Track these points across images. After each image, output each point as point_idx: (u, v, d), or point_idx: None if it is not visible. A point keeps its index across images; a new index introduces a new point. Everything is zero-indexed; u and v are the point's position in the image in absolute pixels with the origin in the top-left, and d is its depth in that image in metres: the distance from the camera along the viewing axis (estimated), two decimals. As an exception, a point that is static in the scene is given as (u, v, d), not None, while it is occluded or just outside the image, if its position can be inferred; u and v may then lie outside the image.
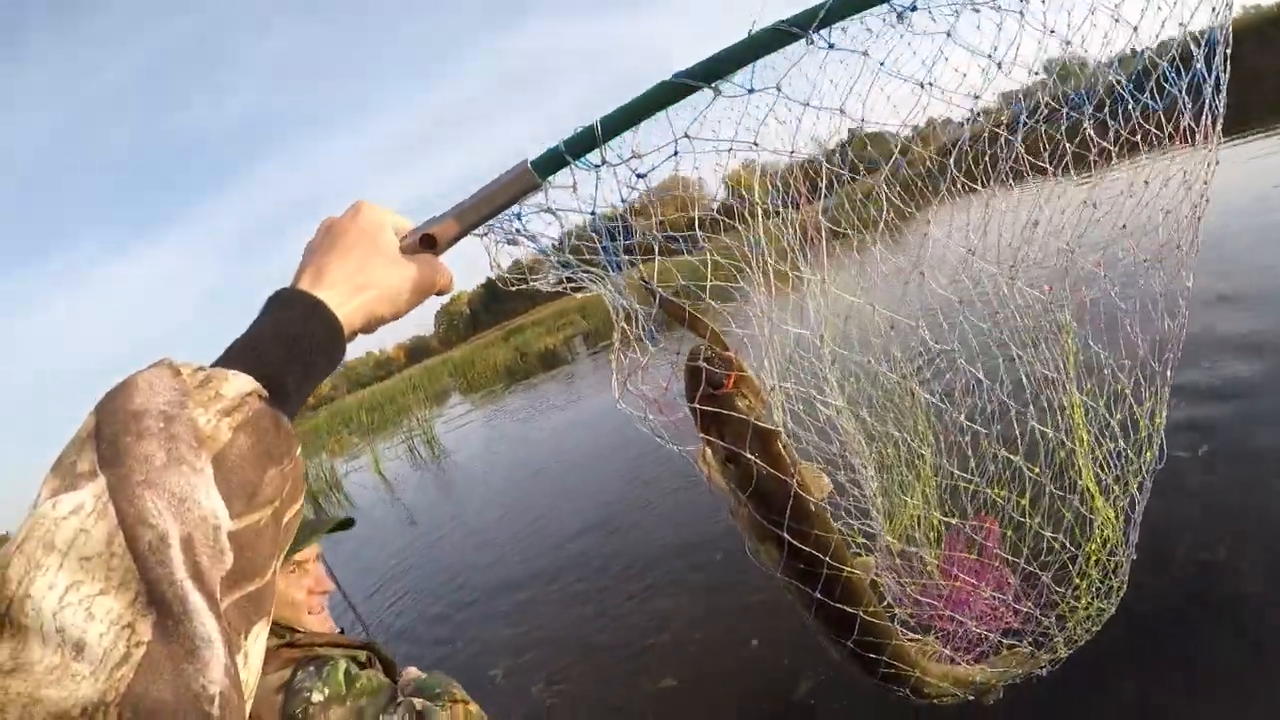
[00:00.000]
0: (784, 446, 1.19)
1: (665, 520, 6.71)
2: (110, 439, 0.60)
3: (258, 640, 0.64)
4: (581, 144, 0.89)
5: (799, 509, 1.16)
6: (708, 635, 4.71)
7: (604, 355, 23.12)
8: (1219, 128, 1.34)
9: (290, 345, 0.74)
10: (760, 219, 1.30)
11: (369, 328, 0.87)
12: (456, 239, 0.94)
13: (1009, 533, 1.60)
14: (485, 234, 0.98)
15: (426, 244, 0.92)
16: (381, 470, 16.70)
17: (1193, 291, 1.50)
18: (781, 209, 1.43)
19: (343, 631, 2.00)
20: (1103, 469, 1.61)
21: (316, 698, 1.67)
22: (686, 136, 0.92)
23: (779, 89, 0.91)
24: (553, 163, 0.90)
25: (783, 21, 0.82)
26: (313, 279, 0.81)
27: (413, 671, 1.92)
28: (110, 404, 0.63)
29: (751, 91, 0.88)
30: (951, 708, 1.61)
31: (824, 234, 1.34)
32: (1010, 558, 1.57)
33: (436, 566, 8.76)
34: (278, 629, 1.78)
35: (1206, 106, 1.29)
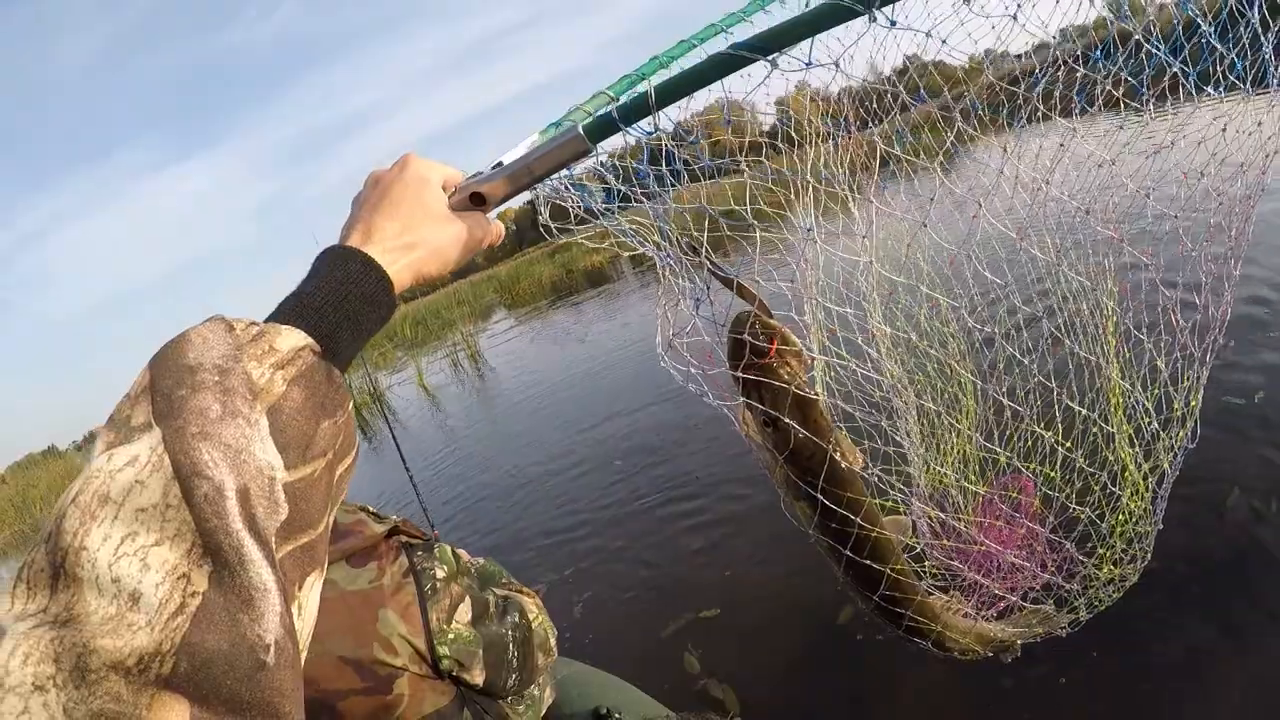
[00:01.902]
0: (822, 414, 1.24)
1: (708, 450, 6.72)
2: (165, 392, 0.62)
3: (312, 591, 0.66)
4: (634, 112, 0.89)
5: (833, 474, 1.23)
6: (748, 565, 4.76)
7: (650, 275, 23.13)
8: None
9: (341, 302, 0.76)
10: (813, 144, 1.33)
11: (417, 284, 0.89)
12: (505, 199, 0.96)
13: (1038, 499, 1.61)
14: (534, 192, 1.00)
15: (475, 201, 0.94)
16: (425, 383, 16.85)
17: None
18: (834, 133, 1.43)
19: None
20: (1134, 442, 1.61)
21: (440, 574, 1.77)
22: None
23: (837, 65, 0.91)
24: (605, 129, 0.90)
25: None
26: (363, 236, 0.83)
27: (465, 555, 1.99)
28: (164, 358, 0.64)
29: (809, 66, 0.86)
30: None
31: (877, 156, 1.34)
32: (1035, 523, 1.59)
33: (477, 478, 8.87)
34: (378, 515, 1.84)
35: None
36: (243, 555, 0.57)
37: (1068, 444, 1.54)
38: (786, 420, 1.20)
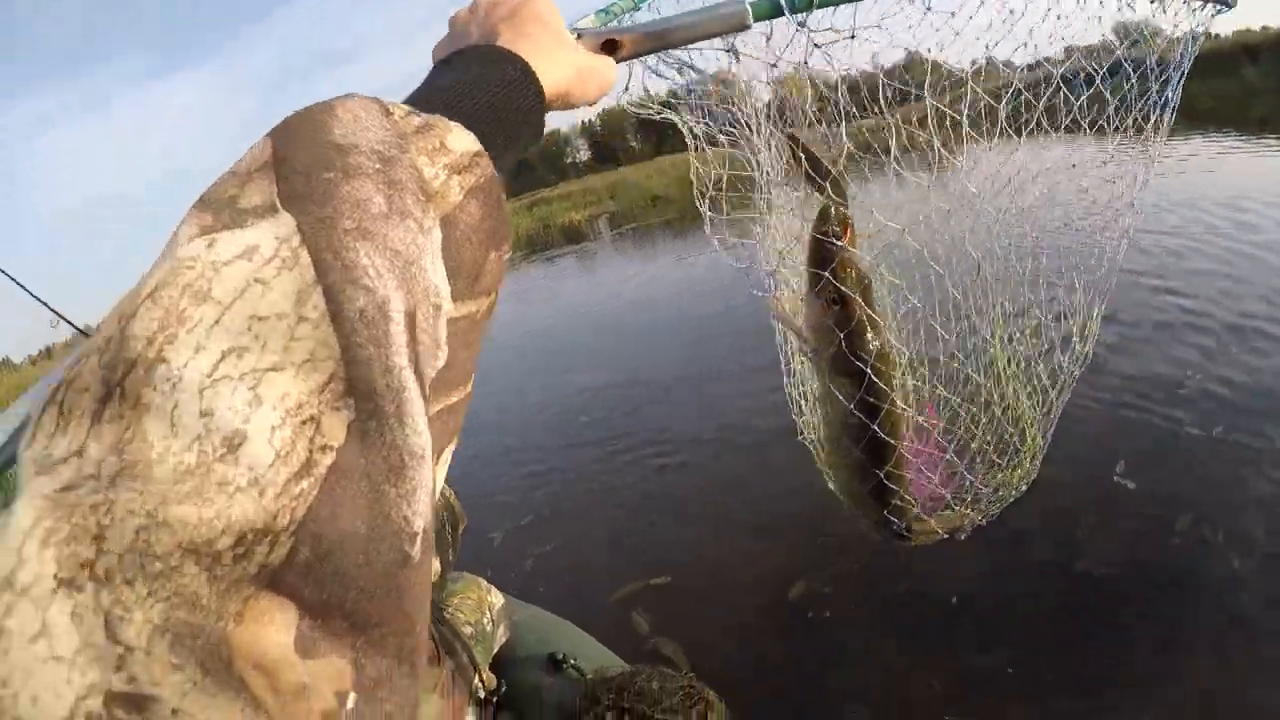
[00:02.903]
0: (871, 294, 1.39)
1: (674, 413, 6.78)
2: (303, 170, 0.45)
3: (444, 468, 0.52)
4: (801, 5, 0.89)
5: (882, 351, 1.39)
6: (702, 536, 4.81)
7: (628, 236, 23.20)
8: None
9: (499, 111, 0.61)
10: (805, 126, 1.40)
11: (558, 105, 0.74)
12: (641, 54, 0.90)
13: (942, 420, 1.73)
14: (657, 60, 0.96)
15: (607, 49, 0.87)
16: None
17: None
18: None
19: None
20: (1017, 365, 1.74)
21: None
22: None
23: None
24: (770, 10, 0.89)
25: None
26: (511, 39, 0.68)
27: None
28: (299, 130, 0.48)
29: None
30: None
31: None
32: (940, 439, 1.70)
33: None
34: None
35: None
36: (402, 403, 0.42)
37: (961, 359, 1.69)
38: (857, 299, 1.33)
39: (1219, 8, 1.31)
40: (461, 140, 0.53)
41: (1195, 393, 5.10)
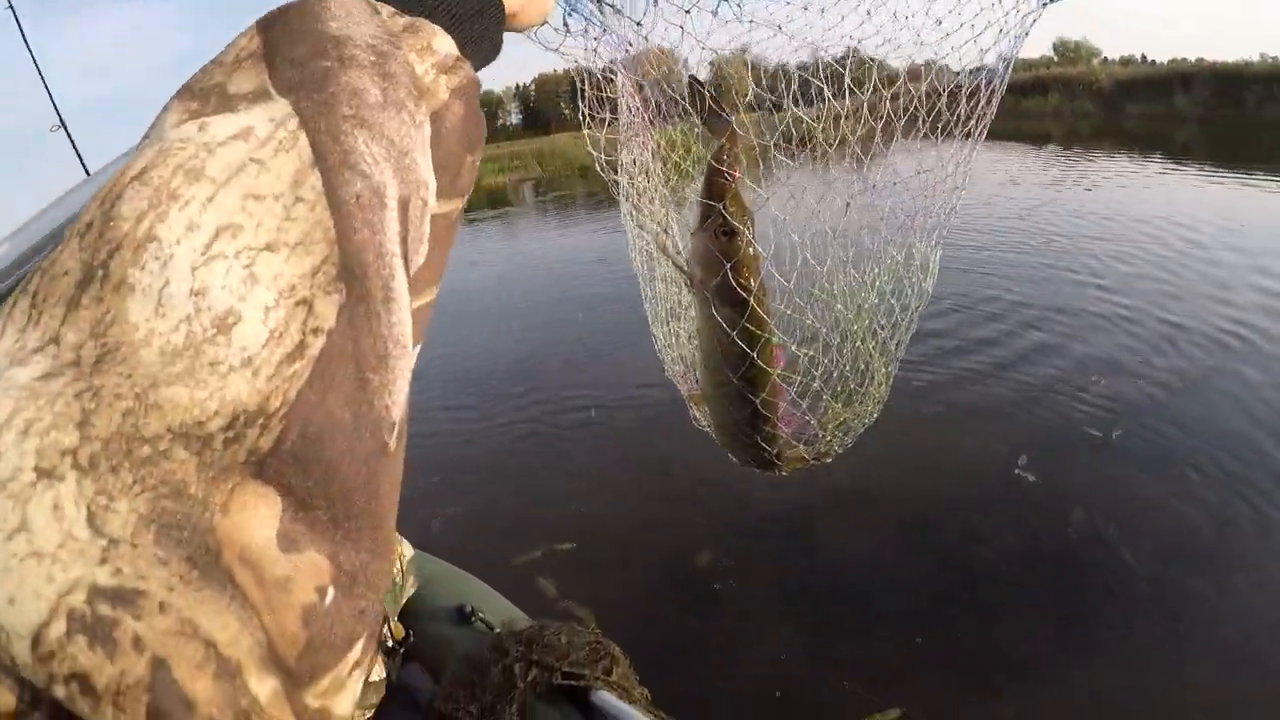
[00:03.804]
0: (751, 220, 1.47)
1: (591, 382, 6.81)
2: (298, 60, 0.45)
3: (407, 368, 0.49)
4: None
5: (762, 283, 1.47)
6: (609, 504, 4.87)
7: (552, 204, 23.09)
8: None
9: (466, 20, 0.59)
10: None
11: (508, 26, 0.70)
12: None
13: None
14: None
15: None
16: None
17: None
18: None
19: None
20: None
21: None
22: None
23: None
24: None
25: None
26: None
27: None
28: (292, 21, 0.47)
29: None
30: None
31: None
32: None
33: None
34: None
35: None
36: (391, 290, 0.42)
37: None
38: (745, 232, 1.42)
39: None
40: (445, 43, 0.53)
41: (1099, 396, 5.40)
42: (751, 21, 1.28)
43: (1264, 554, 3.79)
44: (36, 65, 3.50)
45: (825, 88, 1.37)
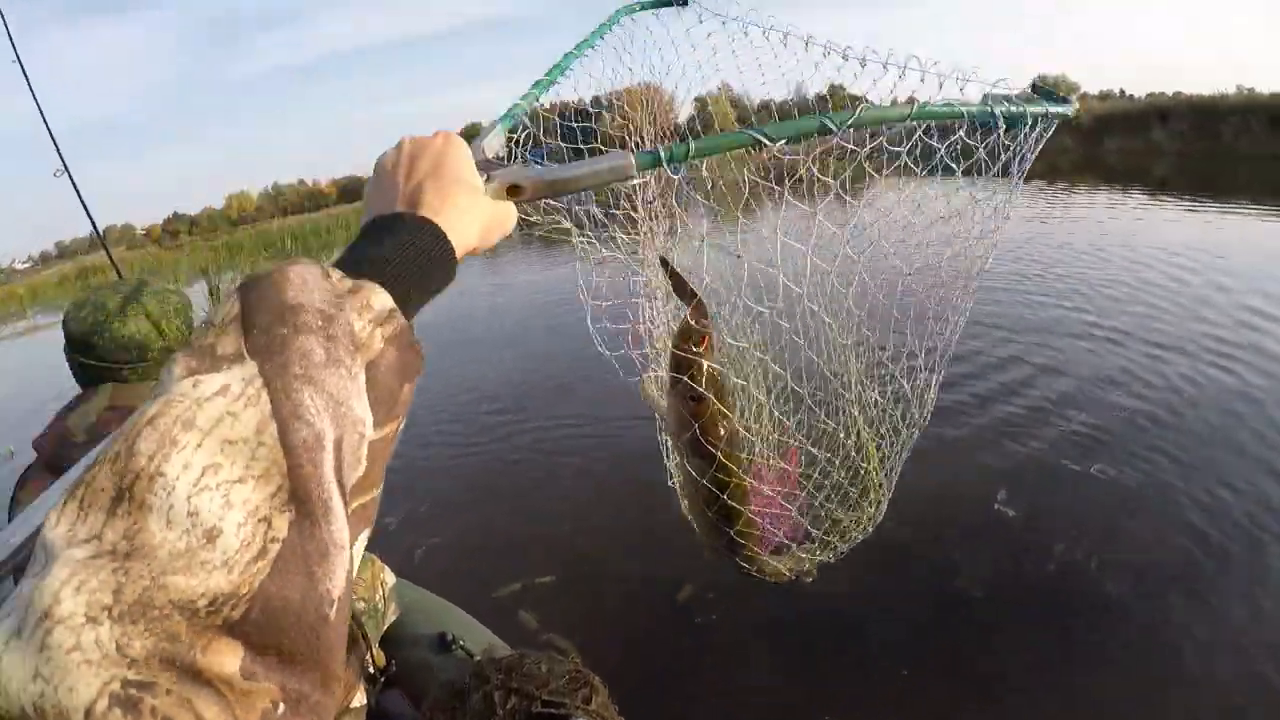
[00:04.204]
0: (727, 396, 1.62)
1: (573, 409, 6.84)
2: (264, 327, 0.59)
3: (360, 547, 0.65)
4: (676, 157, 1.03)
5: (731, 438, 1.61)
6: (591, 538, 4.88)
7: (536, 240, 23.11)
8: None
9: (417, 272, 0.76)
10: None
11: (473, 254, 0.90)
12: (540, 198, 1.02)
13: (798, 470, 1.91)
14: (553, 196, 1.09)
15: (511, 191, 0.98)
16: (294, 302, 16.43)
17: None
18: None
19: None
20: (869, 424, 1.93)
21: None
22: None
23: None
24: (651, 164, 1.02)
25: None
26: (435, 205, 0.82)
27: None
28: (259, 291, 0.62)
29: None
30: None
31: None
32: (795, 485, 1.88)
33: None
34: None
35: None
36: (329, 507, 0.56)
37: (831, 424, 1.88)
38: (711, 397, 1.55)
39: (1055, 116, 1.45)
40: (383, 300, 0.67)
41: (1078, 431, 5.44)
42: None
43: (1244, 583, 3.83)
44: (42, 113, 3.57)
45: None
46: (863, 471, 1.94)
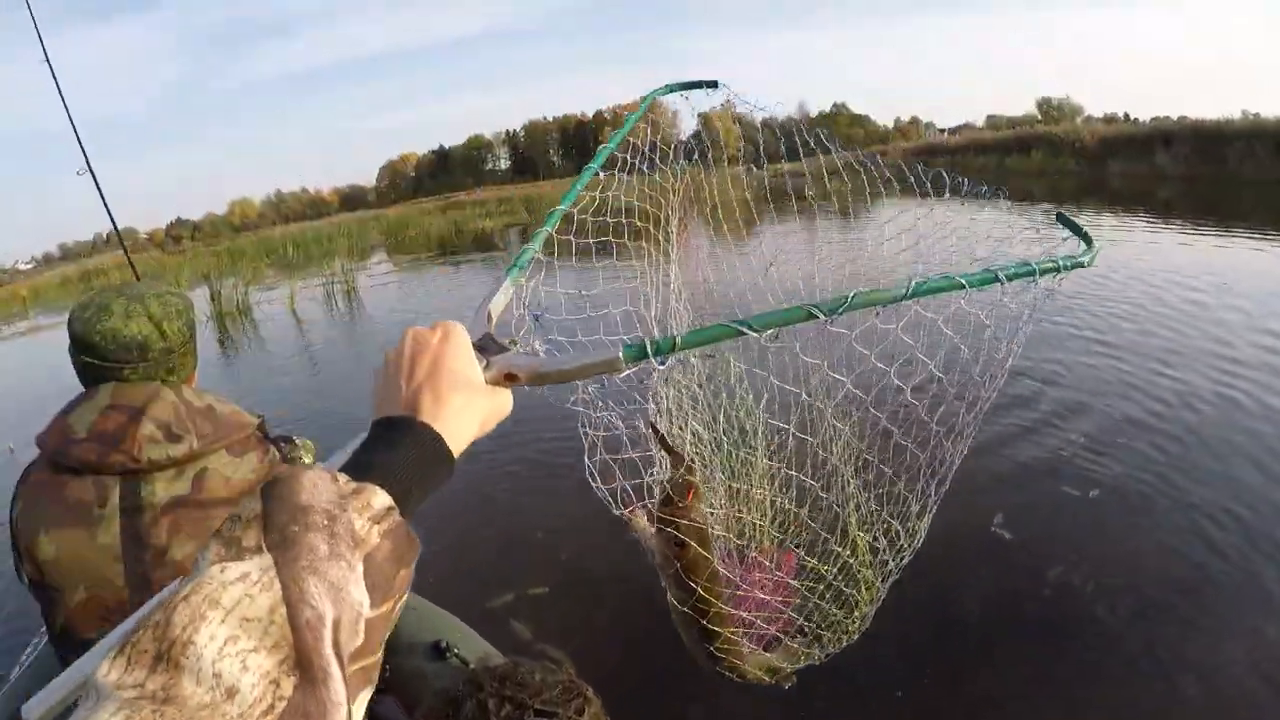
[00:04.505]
0: (709, 541, 1.77)
1: (562, 422, 6.80)
2: (279, 526, 0.72)
3: (361, 705, 0.75)
4: (663, 350, 1.10)
5: (711, 575, 1.77)
6: (588, 542, 4.86)
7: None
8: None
9: (416, 473, 0.87)
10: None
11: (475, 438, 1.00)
12: (534, 386, 1.10)
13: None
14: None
15: (509, 378, 1.06)
16: (295, 308, 16.50)
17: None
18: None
19: None
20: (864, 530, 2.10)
21: (307, 460, 1.91)
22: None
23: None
24: (638, 357, 1.09)
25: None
26: (431, 409, 0.93)
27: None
28: (278, 493, 0.74)
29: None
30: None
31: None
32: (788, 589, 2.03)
33: (326, 409, 8.83)
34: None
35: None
36: (328, 674, 0.68)
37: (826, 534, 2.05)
38: (693, 545, 1.72)
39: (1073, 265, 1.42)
40: (381, 500, 0.78)
41: (1076, 456, 5.44)
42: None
43: (1242, 609, 3.82)
44: (68, 112, 3.63)
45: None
46: (857, 574, 2.10)
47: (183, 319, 1.88)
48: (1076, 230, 1.60)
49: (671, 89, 2.00)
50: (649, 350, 1.09)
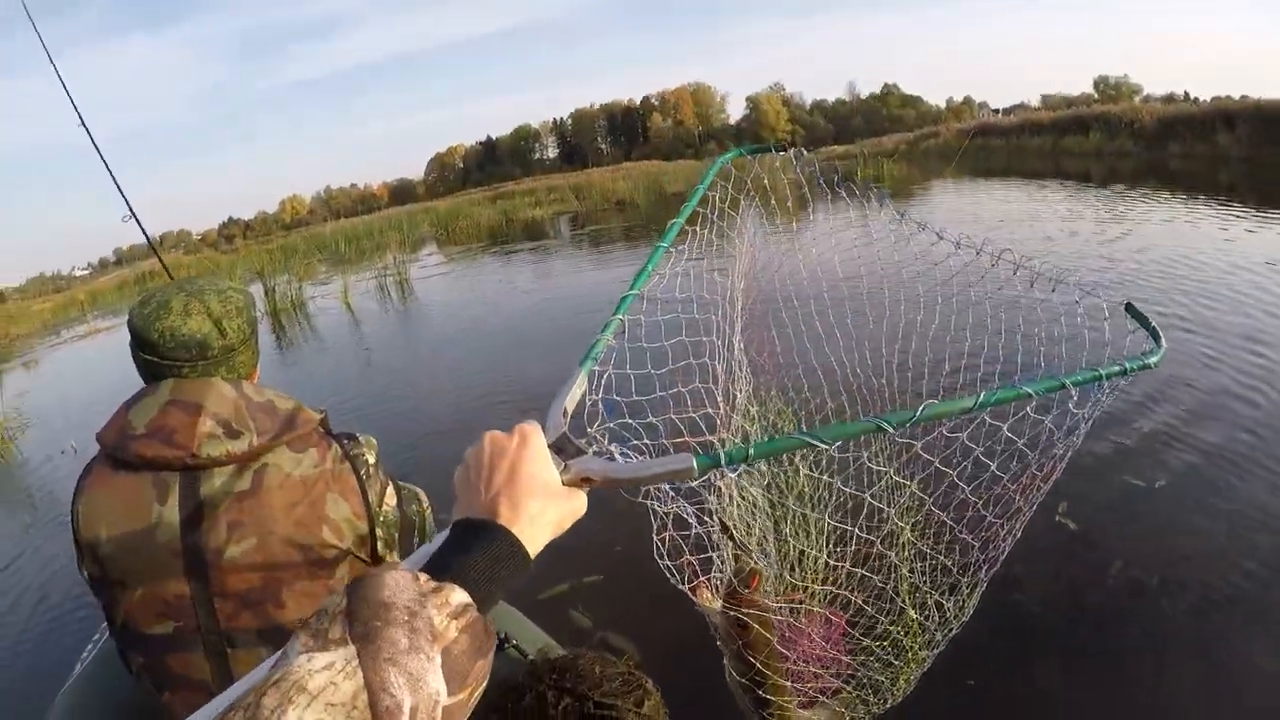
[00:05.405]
0: (770, 624, 1.82)
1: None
2: (363, 620, 0.77)
3: None
4: (735, 460, 1.13)
5: (770, 653, 1.85)
6: (638, 533, 4.83)
7: (588, 238, 23.25)
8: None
9: (494, 572, 0.92)
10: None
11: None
12: (606, 489, 1.12)
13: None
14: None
15: (585, 481, 1.09)
16: (349, 302, 16.70)
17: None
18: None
19: None
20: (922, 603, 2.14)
21: (370, 458, 1.87)
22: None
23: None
24: (711, 466, 1.11)
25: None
26: (509, 512, 0.98)
27: None
28: (363, 591, 0.80)
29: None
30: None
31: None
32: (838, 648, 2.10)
33: (383, 403, 8.92)
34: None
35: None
36: None
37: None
38: (755, 626, 1.78)
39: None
40: (459, 597, 0.83)
41: (1142, 444, 5.29)
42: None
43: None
44: (107, 166, 3.74)
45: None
46: (903, 644, 2.14)
47: (243, 316, 1.88)
48: (1145, 324, 1.60)
49: (745, 153, 2.03)
50: (722, 460, 1.12)
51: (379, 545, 1.85)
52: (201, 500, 1.71)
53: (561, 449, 1.12)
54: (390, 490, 1.91)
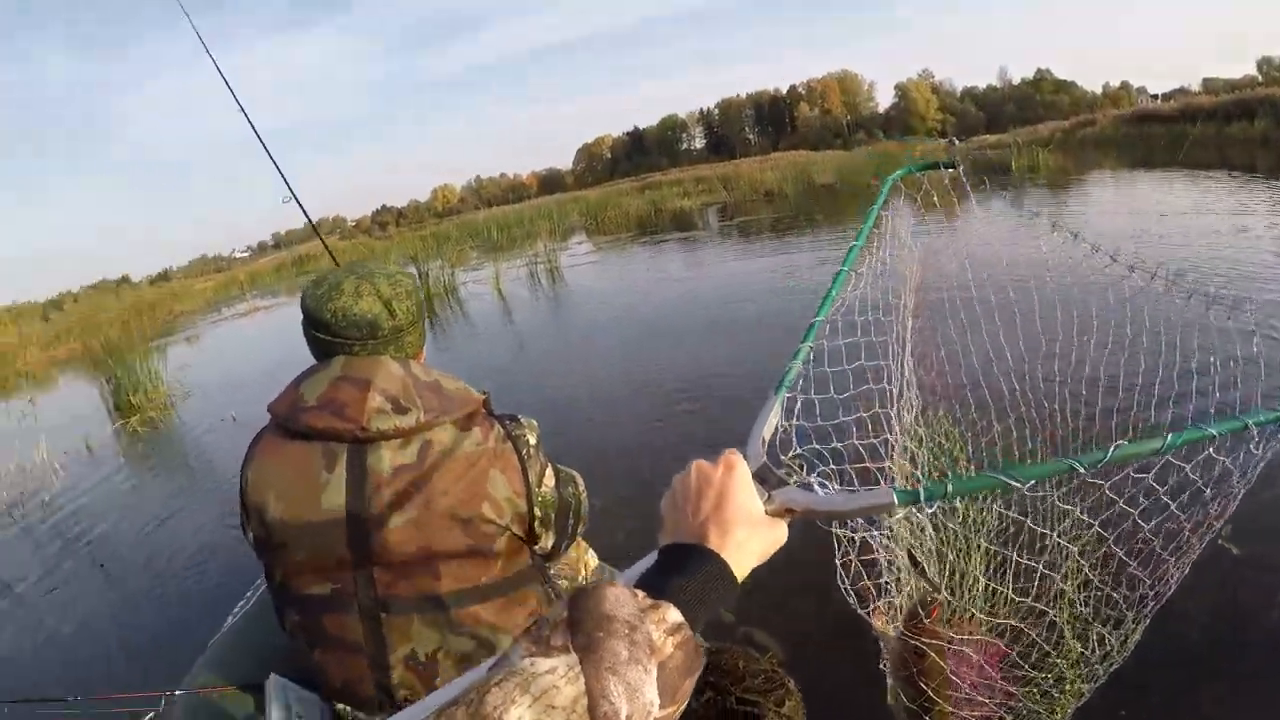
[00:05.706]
0: (943, 654, 1.84)
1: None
2: (586, 630, 0.80)
3: None
4: (934, 496, 1.14)
5: (942, 682, 1.86)
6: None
7: (736, 229, 23.12)
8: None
9: (704, 594, 0.94)
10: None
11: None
12: (808, 520, 1.15)
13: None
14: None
15: (787, 511, 1.11)
16: (501, 288, 17.12)
17: None
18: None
19: None
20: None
21: (532, 440, 1.93)
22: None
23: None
24: (911, 502, 1.13)
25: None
26: (719, 538, 1.01)
27: None
28: (586, 603, 0.83)
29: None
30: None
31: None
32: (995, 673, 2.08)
33: (535, 389, 9.00)
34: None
35: None
36: None
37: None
38: (932, 655, 1.81)
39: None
40: (675, 616, 0.86)
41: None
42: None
43: None
44: (268, 152, 3.96)
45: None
46: (1065, 675, 2.14)
47: (411, 299, 1.95)
48: None
49: (914, 170, 2.08)
50: (922, 496, 1.14)
51: (535, 524, 1.89)
52: (367, 471, 1.77)
53: (764, 479, 1.14)
54: (549, 471, 1.96)
